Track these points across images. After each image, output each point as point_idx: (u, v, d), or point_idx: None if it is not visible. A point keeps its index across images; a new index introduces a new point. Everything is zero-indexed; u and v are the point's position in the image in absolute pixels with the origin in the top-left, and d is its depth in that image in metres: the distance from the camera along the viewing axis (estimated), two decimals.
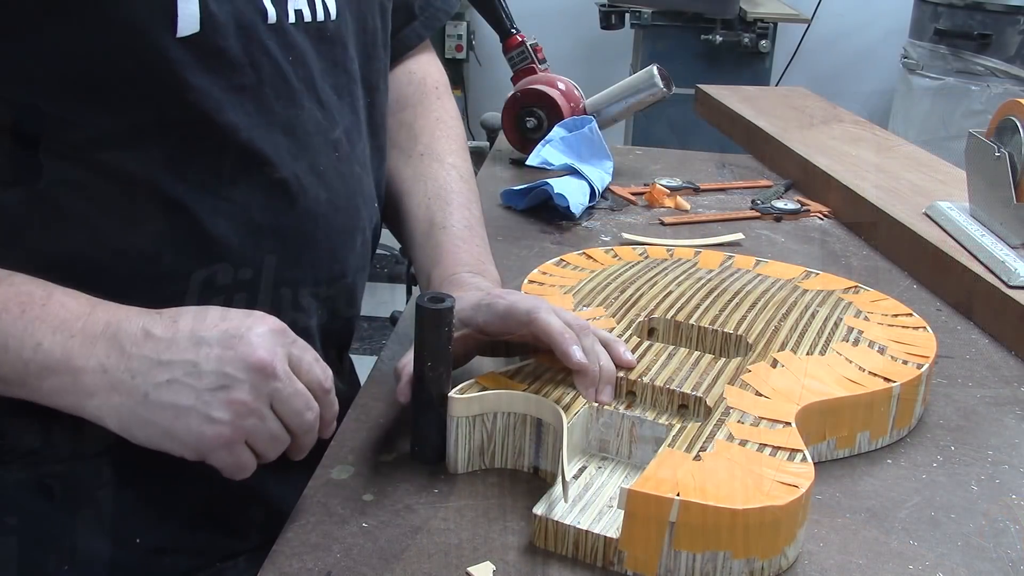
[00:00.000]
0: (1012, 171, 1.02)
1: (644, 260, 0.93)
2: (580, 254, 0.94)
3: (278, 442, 0.60)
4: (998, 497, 0.68)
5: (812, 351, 0.75)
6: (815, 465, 0.60)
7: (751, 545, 0.56)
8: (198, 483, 0.65)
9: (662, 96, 1.36)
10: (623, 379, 0.68)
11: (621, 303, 0.82)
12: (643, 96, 1.37)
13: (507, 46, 1.43)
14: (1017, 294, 0.92)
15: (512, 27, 1.42)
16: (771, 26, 2.92)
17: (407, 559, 0.58)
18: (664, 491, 0.56)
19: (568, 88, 1.39)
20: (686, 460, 0.60)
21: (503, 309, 0.68)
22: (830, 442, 0.70)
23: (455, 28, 3.64)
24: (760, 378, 0.70)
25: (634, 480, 0.57)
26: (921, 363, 0.74)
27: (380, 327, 2.97)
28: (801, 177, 1.38)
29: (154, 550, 0.70)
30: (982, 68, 2.66)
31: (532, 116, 1.37)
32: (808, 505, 0.60)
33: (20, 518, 0.67)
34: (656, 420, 0.66)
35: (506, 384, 0.67)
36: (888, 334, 0.79)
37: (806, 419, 0.67)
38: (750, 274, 0.91)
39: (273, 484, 0.71)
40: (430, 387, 0.65)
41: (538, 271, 0.89)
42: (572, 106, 1.37)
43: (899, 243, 1.12)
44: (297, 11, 0.68)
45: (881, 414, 0.71)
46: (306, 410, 0.59)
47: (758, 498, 0.56)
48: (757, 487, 0.57)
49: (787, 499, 0.56)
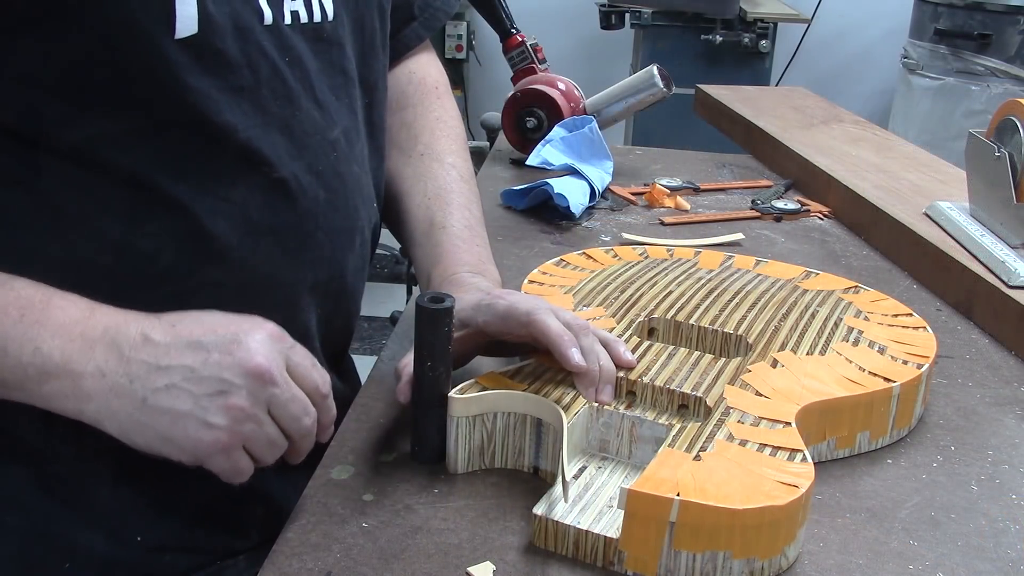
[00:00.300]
0: (1012, 171, 1.02)
1: (644, 260, 0.93)
2: (580, 254, 0.94)
3: (275, 447, 0.60)
4: (998, 497, 0.68)
5: (812, 351, 0.75)
6: (815, 465, 0.61)
7: (751, 545, 0.56)
8: (198, 482, 0.64)
9: (662, 96, 1.36)
10: (623, 379, 0.68)
11: (621, 303, 0.82)
12: (643, 96, 1.37)
13: (507, 46, 1.43)
14: (1017, 294, 0.92)
15: (512, 27, 1.42)
16: (771, 26, 2.92)
17: (407, 559, 0.58)
18: (664, 491, 0.56)
19: (568, 88, 1.39)
20: (686, 460, 0.60)
21: (503, 309, 0.68)
22: (830, 442, 0.70)
23: (455, 28, 3.64)
24: (760, 378, 0.70)
25: (634, 480, 0.57)
26: (921, 363, 0.74)
27: (380, 327, 2.97)
28: (801, 177, 1.38)
29: (155, 548, 0.70)
30: (982, 68, 2.66)
31: (532, 116, 1.37)
32: (808, 505, 0.60)
33: (21, 516, 0.67)
34: (656, 420, 0.66)
35: (506, 384, 0.67)
36: (888, 334, 0.79)
37: (806, 419, 0.67)
38: (750, 274, 0.91)
39: (273, 483, 0.72)
40: (430, 387, 0.65)
41: (538, 271, 0.89)
42: (572, 106, 1.37)
43: (899, 243, 1.12)
44: (294, 12, 0.68)
45: (881, 414, 0.71)
46: (303, 415, 0.59)
47: (758, 498, 0.56)
48: (757, 487, 0.57)
49: (787, 499, 0.56)
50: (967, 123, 2.40)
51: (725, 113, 1.71)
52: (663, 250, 0.98)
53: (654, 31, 2.97)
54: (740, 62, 2.94)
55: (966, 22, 2.69)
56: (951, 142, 2.51)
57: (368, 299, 0.72)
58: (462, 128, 0.92)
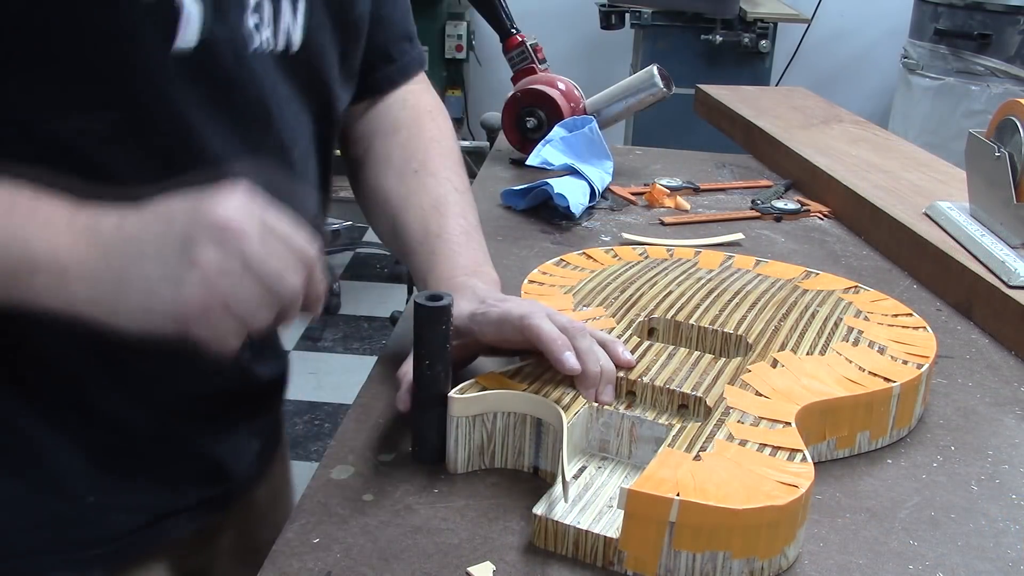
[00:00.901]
0: (1012, 171, 1.02)
1: (644, 260, 0.93)
2: (580, 254, 0.94)
3: (261, 307, 0.56)
4: (998, 497, 0.68)
5: (812, 351, 0.75)
6: (815, 465, 0.61)
7: (751, 545, 0.56)
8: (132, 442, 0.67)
9: (662, 96, 1.37)
10: (623, 379, 0.69)
11: (621, 303, 0.82)
12: (643, 96, 1.37)
13: (507, 46, 1.42)
14: (1017, 294, 0.92)
15: (512, 27, 1.41)
16: (771, 26, 2.92)
17: (407, 559, 0.58)
18: (664, 491, 0.56)
19: (568, 88, 1.38)
20: (686, 460, 0.60)
21: (496, 317, 0.68)
22: (830, 442, 0.70)
23: (455, 28, 3.65)
24: (760, 378, 0.70)
25: (634, 480, 0.57)
26: (921, 363, 0.74)
27: (380, 327, 2.97)
28: (801, 177, 1.39)
29: (97, 506, 0.70)
30: (982, 68, 2.66)
31: (532, 116, 1.37)
32: (808, 505, 0.60)
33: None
34: (656, 420, 0.66)
35: (506, 384, 0.67)
36: (888, 334, 0.79)
37: (806, 419, 0.67)
38: (750, 274, 0.91)
39: (208, 441, 0.74)
40: (430, 386, 0.65)
41: (538, 271, 0.89)
42: (572, 106, 1.37)
43: (899, 243, 1.12)
44: (266, 39, 0.69)
45: (881, 414, 0.71)
46: (286, 272, 0.56)
47: (758, 498, 0.56)
48: (757, 487, 0.57)
49: (787, 499, 0.56)
50: (967, 123, 2.40)
51: (725, 113, 1.71)
52: (663, 250, 0.98)
53: (654, 31, 2.98)
54: (740, 62, 2.95)
55: (966, 22, 2.69)
56: (951, 142, 2.50)
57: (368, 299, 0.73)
58: (457, 148, 0.93)
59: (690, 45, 2.94)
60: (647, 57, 2.95)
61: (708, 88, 1.83)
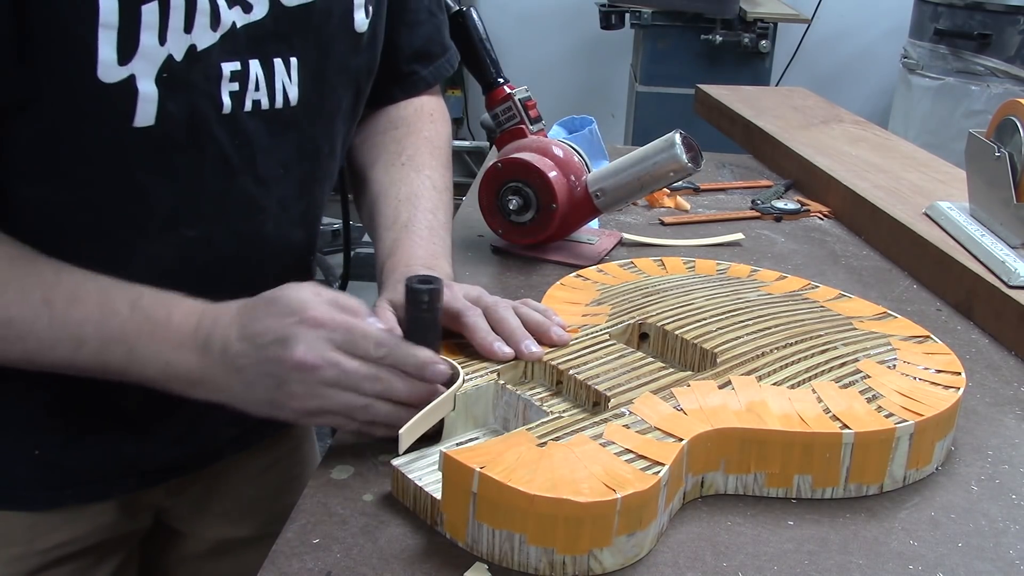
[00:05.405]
0: (1012, 171, 1.02)
1: (690, 272, 0.93)
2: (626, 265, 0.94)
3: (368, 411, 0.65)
4: (998, 497, 0.68)
5: (785, 383, 0.70)
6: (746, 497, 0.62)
7: (547, 535, 0.56)
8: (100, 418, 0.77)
9: (684, 170, 1.01)
10: (555, 368, 0.71)
11: (628, 305, 0.82)
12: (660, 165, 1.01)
13: (490, 100, 1.07)
14: (1017, 294, 0.92)
15: (499, 77, 1.07)
16: (771, 26, 2.92)
17: (407, 559, 0.58)
18: (471, 461, 0.57)
19: (567, 157, 1.04)
20: (527, 442, 0.61)
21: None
22: (757, 476, 0.66)
23: None
24: (692, 394, 0.67)
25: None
26: (913, 419, 0.67)
27: None
28: (801, 177, 1.39)
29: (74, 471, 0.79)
30: (982, 68, 2.66)
31: (517, 195, 1.03)
32: (640, 515, 0.57)
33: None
34: (543, 405, 0.67)
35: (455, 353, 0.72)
36: (902, 385, 0.71)
37: (719, 443, 0.64)
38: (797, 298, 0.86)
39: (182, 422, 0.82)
40: None
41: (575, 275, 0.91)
42: (571, 181, 1.03)
43: (899, 243, 1.12)
44: (256, 101, 0.73)
45: (826, 460, 0.65)
46: (362, 383, 0.65)
47: (562, 491, 0.55)
48: (575, 483, 0.56)
49: (589, 499, 0.55)
50: (967, 123, 2.40)
51: (725, 113, 1.71)
52: (713, 264, 0.95)
53: (654, 31, 2.97)
54: (740, 62, 2.94)
55: (966, 22, 2.69)
56: (951, 142, 2.50)
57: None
58: (449, 150, 0.96)
59: (690, 45, 2.94)
60: (647, 57, 2.95)
61: (708, 88, 1.83)
